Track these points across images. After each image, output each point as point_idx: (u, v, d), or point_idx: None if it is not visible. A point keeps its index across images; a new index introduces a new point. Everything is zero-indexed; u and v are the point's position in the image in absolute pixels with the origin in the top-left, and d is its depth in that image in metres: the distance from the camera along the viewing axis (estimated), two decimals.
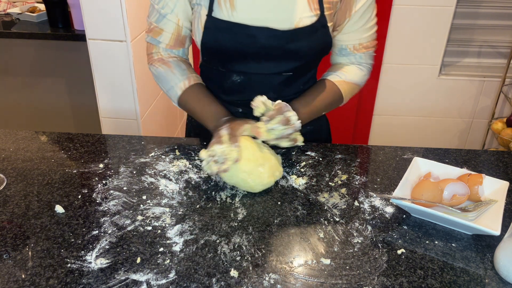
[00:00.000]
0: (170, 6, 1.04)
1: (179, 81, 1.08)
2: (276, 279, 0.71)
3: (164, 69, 1.09)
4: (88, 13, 1.64)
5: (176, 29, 1.07)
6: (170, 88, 1.09)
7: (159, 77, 1.11)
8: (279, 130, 0.95)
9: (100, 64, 1.73)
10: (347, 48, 1.11)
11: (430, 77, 2.48)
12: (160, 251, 0.77)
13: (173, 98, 1.10)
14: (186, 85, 1.08)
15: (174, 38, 1.09)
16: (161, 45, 1.10)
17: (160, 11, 1.05)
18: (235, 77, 1.10)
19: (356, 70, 1.13)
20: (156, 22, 1.07)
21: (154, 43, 1.10)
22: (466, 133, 2.65)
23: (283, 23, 1.00)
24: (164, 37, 1.08)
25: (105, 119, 1.87)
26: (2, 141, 1.11)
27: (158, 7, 1.05)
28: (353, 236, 0.81)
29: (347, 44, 1.11)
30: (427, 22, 2.32)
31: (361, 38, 1.09)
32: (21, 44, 2.33)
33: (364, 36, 1.09)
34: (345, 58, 1.14)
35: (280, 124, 0.94)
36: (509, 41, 2.44)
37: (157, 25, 1.07)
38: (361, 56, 1.13)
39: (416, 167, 0.95)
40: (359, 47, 1.11)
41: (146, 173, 0.99)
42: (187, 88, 1.08)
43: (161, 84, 1.12)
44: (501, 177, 0.95)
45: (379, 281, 0.71)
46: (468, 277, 0.73)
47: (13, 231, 0.81)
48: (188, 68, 1.11)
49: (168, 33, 1.08)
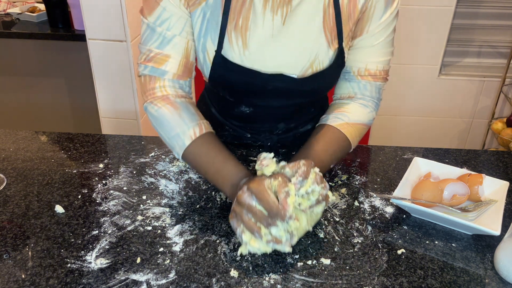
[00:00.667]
0: (179, 27, 0.87)
1: (187, 128, 0.87)
2: (276, 279, 0.71)
3: (170, 110, 0.88)
4: (88, 13, 1.64)
5: (185, 54, 0.90)
6: (175, 136, 0.87)
7: (161, 120, 0.89)
8: (317, 193, 0.75)
9: (100, 64, 1.74)
10: (351, 70, 0.95)
11: (430, 77, 2.48)
12: (160, 251, 0.77)
13: (177, 148, 0.88)
14: (196, 134, 0.87)
15: (183, 65, 0.90)
16: (166, 76, 0.90)
17: (165, 34, 0.87)
18: (244, 108, 1.01)
19: (358, 108, 0.95)
20: (158, 48, 0.88)
21: (157, 74, 0.90)
22: (466, 133, 2.65)
23: (299, 69, 0.90)
24: (171, 65, 0.89)
25: (105, 119, 1.87)
26: (2, 141, 1.11)
27: (161, 30, 0.87)
28: (353, 236, 0.81)
29: (351, 66, 0.95)
30: (427, 22, 2.32)
31: (368, 62, 0.93)
32: (21, 44, 2.33)
33: (373, 60, 0.93)
34: (347, 85, 0.97)
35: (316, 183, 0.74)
36: (509, 41, 2.44)
37: (161, 51, 0.88)
38: (365, 86, 0.95)
39: (416, 167, 0.95)
40: (365, 73, 0.94)
41: (146, 173, 0.99)
42: (197, 138, 0.87)
43: (162, 129, 0.90)
44: (501, 177, 0.94)
45: (379, 281, 0.71)
46: (468, 277, 0.73)
47: (13, 231, 0.81)
48: (197, 112, 0.91)
49: (176, 60, 0.89)
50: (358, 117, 0.94)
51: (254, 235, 0.72)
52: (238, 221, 0.74)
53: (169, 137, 0.89)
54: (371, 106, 0.97)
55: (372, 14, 0.89)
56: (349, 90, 0.97)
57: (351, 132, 0.93)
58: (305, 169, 0.74)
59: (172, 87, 0.91)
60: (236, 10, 0.87)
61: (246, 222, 0.73)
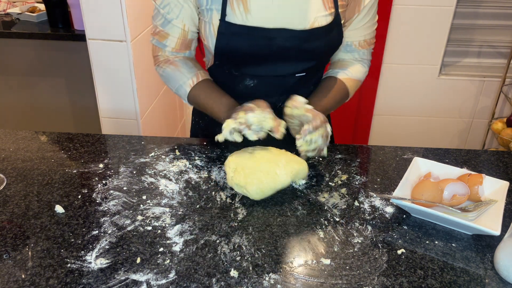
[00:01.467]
0: (175, 12, 1.03)
1: (187, 79, 1.08)
2: (276, 279, 0.71)
3: (171, 69, 1.09)
4: (88, 13, 1.64)
5: (182, 34, 1.07)
6: (179, 87, 1.09)
7: (166, 77, 1.11)
8: (317, 144, 0.93)
9: (100, 64, 1.73)
10: (352, 44, 1.13)
11: (430, 77, 2.48)
12: (160, 251, 0.77)
13: (183, 96, 1.10)
14: (194, 82, 1.08)
15: (180, 42, 1.09)
16: (167, 49, 1.10)
17: (166, 16, 1.04)
18: (248, 81, 1.09)
19: (360, 67, 1.16)
20: (161, 26, 1.07)
21: (160, 46, 1.10)
22: (466, 133, 2.65)
23: (299, 24, 1.00)
24: (170, 41, 1.08)
25: (105, 119, 1.87)
26: (2, 141, 1.11)
27: (163, 12, 1.04)
28: (353, 236, 0.81)
29: (352, 41, 1.12)
30: (427, 22, 2.32)
31: (365, 35, 1.11)
32: (21, 44, 2.33)
33: (368, 32, 1.11)
34: (348, 55, 1.15)
35: (321, 137, 0.92)
36: (509, 41, 2.44)
37: (163, 29, 1.07)
38: (364, 53, 1.15)
39: (416, 167, 0.95)
40: (364, 43, 1.13)
41: (146, 173, 0.99)
42: (195, 85, 1.08)
43: (170, 84, 1.12)
44: (501, 177, 0.94)
45: (379, 281, 0.71)
46: (468, 277, 0.73)
47: (13, 231, 0.81)
48: (195, 65, 1.11)
49: (174, 38, 1.07)
50: (357, 74, 1.15)
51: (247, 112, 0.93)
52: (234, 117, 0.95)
53: (176, 88, 1.11)
54: (366, 67, 1.18)
55: None
56: (351, 58, 1.16)
57: (351, 85, 1.14)
58: (318, 123, 0.92)
59: (171, 55, 1.11)
60: None
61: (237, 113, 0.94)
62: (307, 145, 0.92)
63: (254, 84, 1.10)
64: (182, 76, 1.09)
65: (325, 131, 0.93)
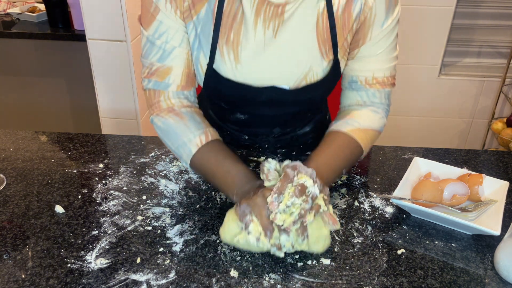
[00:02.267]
0: (177, 39, 0.87)
1: (194, 136, 0.86)
2: (276, 279, 0.71)
3: (175, 120, 0.88)
4: (88, 13, 1.64)
5: (187, 64, 0.90)
6: (182, 145, 0.87)
7: (167, 130, 0.89)
8: (297, 207, 0.71)
9: (100, 64, 1.73)
10: (358, 80, 0.93)
11: (430, 77, 2.48)
12: (160, 251, 0.77)
13: (184, 156, 0.87)
14: (202, 142, 0.86)
15: (186, 75, 0.90)
16: (170, 89, 0.90)
17: (165, 46, 0.87)
18: (239, 115, 1.01)
19: (369, 114, 0.93)
20: (159, 61, 0.88)
21: (160, 88, 0.90)
22: (466, 133, 2.65)
23: (291, 80, 0.88)
24: (174, 76, 0.89)
25: (105, 119, 1.87)
26: (2, 141, 1.11)
27: (160, 43, 0.87)
28: (353, 236, 0.81)
29: (358, 75, 0.92)
30: (427, 22, 2.32)
31: (375, 70, 0.91)
32: (21, 44, 2.33)
33: (379, 67, 0.91)
34: (355, 94, 0.94)
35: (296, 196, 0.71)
36: (509, 41, 2.44)
37: (163, 64, 0.88)
38: (374, 94, 0.93)
39: (416, 167, 0.95)
40: (373, 81, 0.92)
41: (146, 173, 0.99)
42: (204, 145, 0.86)
43: (169, 139, 0.90)
44: (501, 177, 0.94)
45: (379, 281, 0.71)
46: (468, 277, 0.73)
47: (13, 231, 0.81)
48: (203, 121, 0.91)
49: (178, 71, 0.89)
50: (369, 123, 0.92)
51: (265, 234, 0.72)
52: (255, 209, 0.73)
53: (176, 146, 0.88)
54: (381, 113, 0.94)
55: (373, 21, 0.87)
56: (357, 99, 0.95)
57: (362, 137, 0.89)
58: (279, 185, 0.72)
59: (176, 98, 0.91)
60: (227, 25, 0.85)
61: (263, 217, 0.72)
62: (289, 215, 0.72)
63: (246, 118, 1.01)
64: (188, 131, 0.87)
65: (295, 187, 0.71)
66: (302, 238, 0.72)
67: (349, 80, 0.95)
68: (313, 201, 0.72)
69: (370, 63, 0.91)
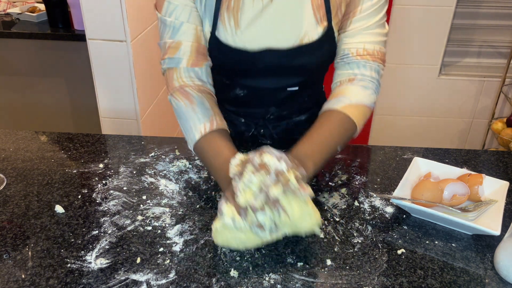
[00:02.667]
0: (185, 15, 0.93)
1: (199, 122, 0.89)
2: (276, 279, 0.71)
3: (186, 104, 0.92)
4: (88, 13, 1.64)
5: (196, 37, 0.94)
6: (189, 129, 0.91)
7: (178, 113, 0.94)
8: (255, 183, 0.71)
9: (100, 64, 1.73)
10: (349, 52, 0.95)
11: (430, 77, 2.48)
12: (160, 251, 0.77)
13: (189, 141, 0.91)
14: (206, 130, 0.88)
15: (195, 49, 0.94)
16: (181, 65, 0.94)
17: (174, 23, 0.93)
18: (238, 90, 1.05)
19: (359, 89, 0.94)
20: (171, 38, 0.94)
21: (173, 65, 0.94)
22: (466, 133, 2.65)
23: (288, 41, 0.94)
24: (184, 50, 0.93)
25: (105, 119, 1.87)
26: (2, 141, 1.11)
27: (171, 20, 0.93)
28: (353, 236, 0.81)
29: (349, 48, 0.96)
30: (427, 22, 2.32)
31: (365, 42, 0.95)
32: (21, 44, 2.33)
33: (370, 40, 0.95)
34: (347, 68, 0.97)
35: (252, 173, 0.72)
36: (509, 41, 2.44)
37: (173, 40, 0.94)
38: (365, 66, 0.95)
39: (416, 167, 0.95)
40: (363, 52, 0.95)
41: (146, 173, 0.99)
42: (207, 134, 0.88)
43: (180, 120, 0.95)
44: (501, 177, 0.94)
45: (379, 281, 0.71)
46: (468, 277, 0.73)
47: (13, 231, 0.81)
48: (212, 107, 0.93)
49: (188, 44, 0.93)
50: (360, 98, 0.93)
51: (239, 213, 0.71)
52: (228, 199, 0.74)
53: (184, 130, 0.93)
54: (371, 88, 0.95)
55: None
56: (348, 72, 0.96)
57: (354, 113, 0.91)
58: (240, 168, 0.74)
59: (188, 77, 0.94)
60: None
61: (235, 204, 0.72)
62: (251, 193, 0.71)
63: (244, 95, 1.05)
64: (195, 117, 0.90)
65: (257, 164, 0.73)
66: (276, 211, 0.71)
67: (341, 55, 0.98)
68: (277, 176, 0.72)
69: (360, 36, 0.95)
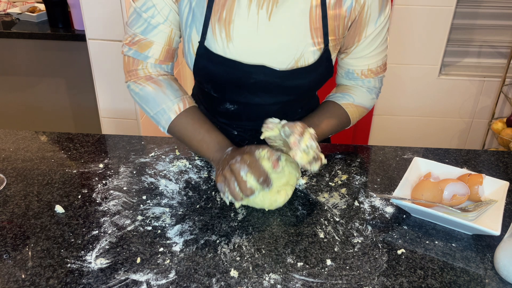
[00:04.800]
0: (163, 15, 0.91)
1: (172, 103, 0.93)
2: (276, 279, 0.71)
3: (154, 88, 0.94)
4: (88, 13, 1.64)
5: (168, 42, 0.94)
6: (161, 111, 0.94)
7: (145, 97, 0.95)
8: (313, 149, 0.81)
9: (100, 64, 1.74)
10: (354, 72, 1.02)
11: (430, 77, 2.48)
12: (160, 251, 0.77)
13: (163, 122, 0.95)
14: (180, 109, 0.93)
15: (165, 52, 0.95)
16: (149, 60, 0.95)
17: (149, 20, 0.91)
18: (228, 105, 1.03)
19: (364, 93, 1.04)
20: (143, 34, 0.93)
21: (140, 58, 0.95)
22: (466, 133, 2.65)
23: (282, 63, 0.92)
24: (154, 50, 0.94)
25: (105, 119, 1.87)
26: (2, 141, 1.11)
27: (146, 16, 0.91)
28: (353, 236, 0.81)
29: (354, 69, 1.01)
30: (427, 22, 2.32)
31: (370, 64, 0.99)
32: (21, 44, 2.33)
33: (374, 61, 0.99)
34: (351, 82, 1.04)
35: (312, 139, 0.82)
36: (509, 41, 2.44)
37: (145, 37, 0.93)
38: (370, 81, 1.03)
39: (416, 167, 0.95)
40: (368, 72, 1.01)
41: (146, 173, 0.99)
42: (181, 113, 0.93)
43: (147, 106, 0.96)
44: (501, 177, 0.95)
45: (379, 281, 0.71)
46: (468, 277, 0.73)
47: (13, 231, 0.81)
48: (180, 88, 0.97)
49: (159, 46, 0.94)
50: (363, 101, 1.04)
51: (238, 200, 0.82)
52: (225, 186, 0.81)
53: (155, 112, 0.95)
54: (375, 93, 1.06)
55: (368, 20, 0.93)
56: (353, 83, 1.05)
57: (353, 112, 1.03)
58: (300, 129, 0.81)
59: (154, 69, 0.97)
60: (220, 2, 0.89)
61: (232, 190, 0.80)
62: (307, 154, 0.81)
63: (234, 109, 1.03)
64: (166, 98, 0.93)
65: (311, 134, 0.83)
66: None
67: (345, 71, 1.04)
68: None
69: (365, 59, 0.99)
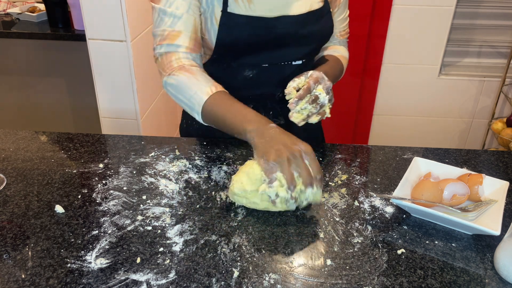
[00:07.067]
0: (185, 5, 1.01)
1: (204, 86, 0.98)
2: (276, 279, 0.71)
3: (187, 76, 0.99)
4: (88, 13, 1.64)
5: (194, 29, 1.03)
6: (193, 95, 0.98)
7: (180, 86, 1.00)
8: (308, 110, 0.98)
9: (100, 64, 1.73)
10: (335, 34, 1.24)
11: (430, 77, 2.48)
12: (160, 251, 0.77)
13: (196, 105, 0.98)
14: (213, 91, 0.98)
15: (193, 39, 1.03)
16: (180, 49, 1.02)
17: (175, 13, 1.00)
18: (247, 71, 1.11)
19: (344, 49, 1.29)
20: (171, 27, 1.01)
21: (172, 49, 1.02)
22: (466, 133, 2.65)
23: (298, 9, 1.06)
24: (183, 39, 1.02)
25: (105, 119, 1.87)
26: (2, 141, 1.11)
27: (171, 10, 1.00)
28: (353, 236, 0.81)
29: (335, 31, 1.22)
30: (427, 22, 2.32)
31: (343, 26, 1.25)
32: (21, 44, 2.33)
33: (345, 24, 1.25)
34: (333, 42, 1.27)
35: (308, 103, 0.97)
36: (509, 41, 2.44)
37: (173, 29, 1.01)
38: (343, 41, 1.28)
39: (416, 167, 0.95)
40: (343, 33, 1.26)
41: (146, 173, 0.99)
42: (214, 93, 0.97)
43: (181, 93, 1.01)
44: (501, 177, 0.94)
45: (379, 281, 0.71)
46: (468, 277, 0.73)
47: (13, 231, 0.81)
48: (211, 78, 1.03)
49: (187, 34, 1.02)
50: (345, 54, 1.28)
51: (289, 188, 0.81)
52: (282, 167, 0.81)
53: (188, 97, 0.99)
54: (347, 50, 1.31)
55: None
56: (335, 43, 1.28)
57: (344, 64, 1.26)
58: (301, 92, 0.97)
59: (186, 58, 1.03)
60: None
61: (290, 174, 0.80)
62: (301, 114, 0.98)
63: (253, 75, 1.12)
64: (199, 83, 0.99)
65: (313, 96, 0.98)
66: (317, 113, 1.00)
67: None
68: (320, 107, 0.99)
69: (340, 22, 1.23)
